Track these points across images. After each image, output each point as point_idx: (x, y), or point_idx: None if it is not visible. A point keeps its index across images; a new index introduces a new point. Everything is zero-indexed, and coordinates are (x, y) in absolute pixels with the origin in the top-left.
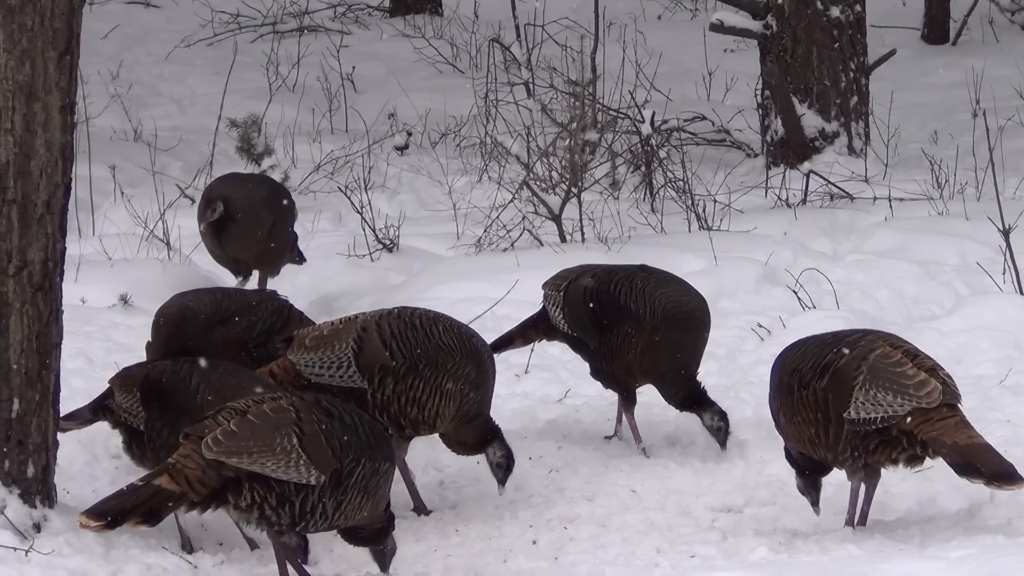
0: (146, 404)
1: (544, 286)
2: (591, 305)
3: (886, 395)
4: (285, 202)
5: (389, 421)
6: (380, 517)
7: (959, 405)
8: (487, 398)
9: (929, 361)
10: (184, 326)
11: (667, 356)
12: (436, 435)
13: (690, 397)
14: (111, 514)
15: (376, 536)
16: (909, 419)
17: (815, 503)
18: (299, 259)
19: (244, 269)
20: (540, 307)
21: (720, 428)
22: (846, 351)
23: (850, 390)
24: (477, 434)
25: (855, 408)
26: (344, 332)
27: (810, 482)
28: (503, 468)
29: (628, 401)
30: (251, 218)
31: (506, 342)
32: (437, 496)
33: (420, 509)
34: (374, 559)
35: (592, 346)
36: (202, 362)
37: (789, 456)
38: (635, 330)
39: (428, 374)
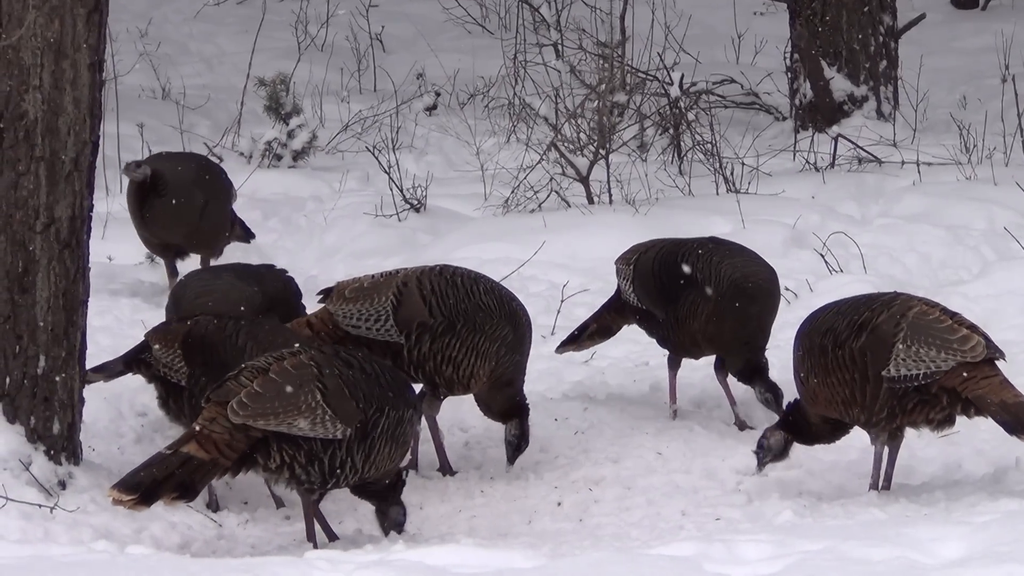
0: (188, 360)
1: (616, 261)
2: (659, 275)
3: (929, 350)
4: (219, 182)
5: (423, 379)
6: (392, 471)
7: (1000, 362)
8: (522, 363)
9: (967, 320)
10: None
11: (731, 326)
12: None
13: (749, 369)
14: (143, 487)
15: (384, 493)
16: (952, 375)
17: (762, 464)
18: (246, 236)
19: (171, 254)
20: (613, 293)
21: (768, 400)
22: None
23: (890, 347)
24: (505, 403)
25: (895, 365)
26: (384, 286)
27: (782, 446)
28: (513, 447)
29: (674, 362)
30: (180, 198)
31: (581, 331)
32: (463, 457)
33: (445, 469)
34: (376, 518)
35: (660, 317)
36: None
37: (786, 417)
38: (700, 299)
39: (465, 334)
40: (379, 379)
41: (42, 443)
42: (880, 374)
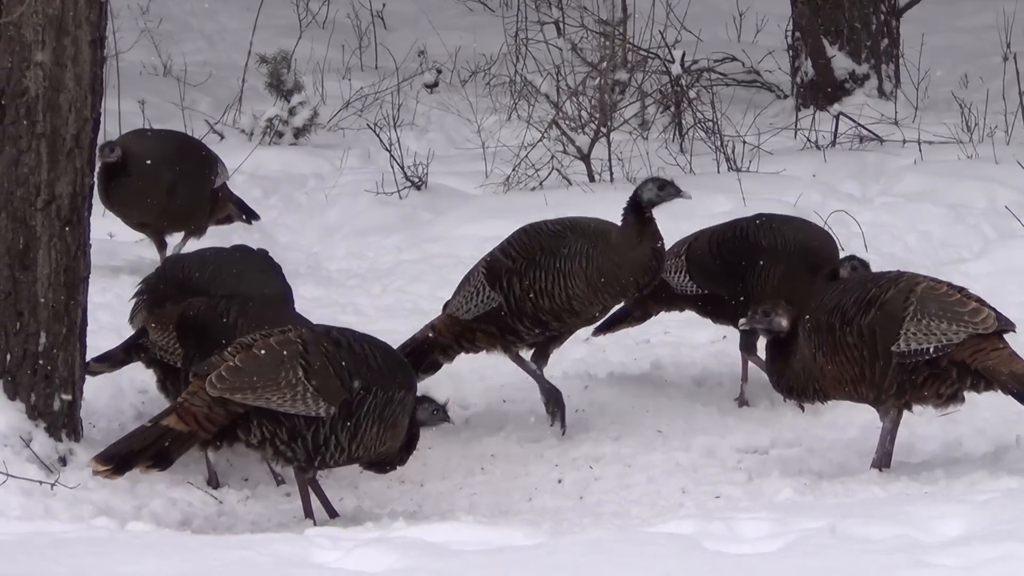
0: (183, 341)
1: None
2: (720, 255)
3: (940, 323)
4: (197, 162)
5: (534, 325)
6: (393, 451)
7: (1009, 335)
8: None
9: (974, 294)
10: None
11: (804, 284)
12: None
13: None
14: (118, 458)
15: (393, 461)
16: (963, 348)
17: (750, 324)
18: (247, 217)
19: (152, 231)
20: None
21: None
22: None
23: (900, 322)
24: None
25: (905, 340)
26: (473, 270)
27: (770, 329)
28: None
29: (748, 344)
30: (146, 178)
31: (621, 319)
32: (463, 435)
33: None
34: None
35: (728, 295)
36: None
37: (786, 338)
38: (770, 262)
39: (545, 261)
40: (369, 359)
41: (43, 420)
42: (890, 350)
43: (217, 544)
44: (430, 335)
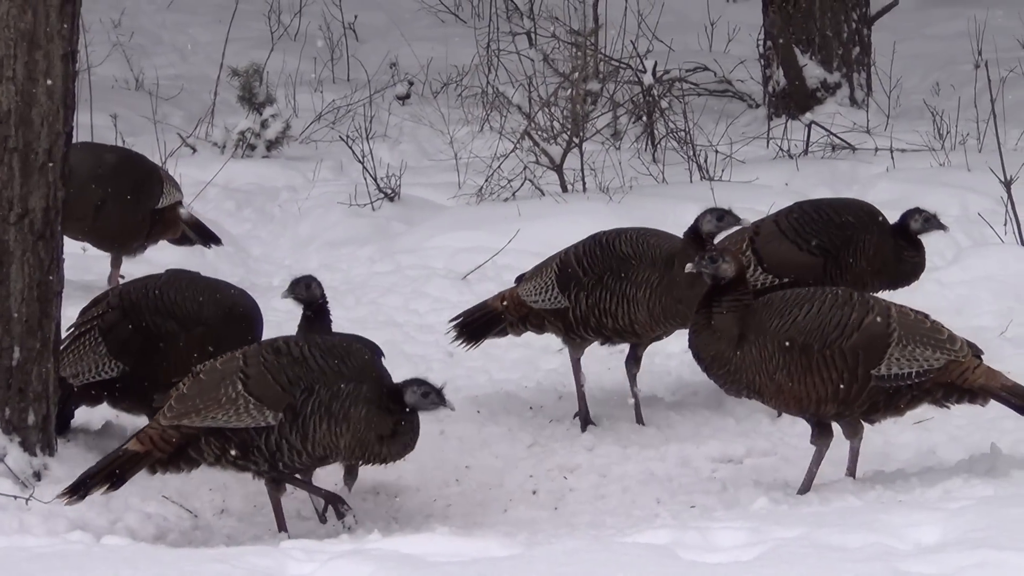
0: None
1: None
2: (797, 241)
3: (924, 350)
4: (135, 181)
5: (597, 336)
6: (378, 446)
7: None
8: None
9: (936, 320)
10: None
11: (893, 254)
12: None
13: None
14: (78, 486)
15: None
16: (943, 372)
17: (700, 265)
18: (204, 241)
19: (102, 247)
20: None
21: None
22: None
23: (884, 347)
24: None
25: (887, 364)
26: (550, 260)
27: (728, 272)
28: None
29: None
30: (73, 194)
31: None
32: (438, 446)
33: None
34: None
35: (811, 280)
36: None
37: (729, 282)
38: (864, 238)
39: (612, 284)
40: (308, 361)
41: (17, 434)
42: (870, 373)
43: (192, 557)
44: (500, 306)
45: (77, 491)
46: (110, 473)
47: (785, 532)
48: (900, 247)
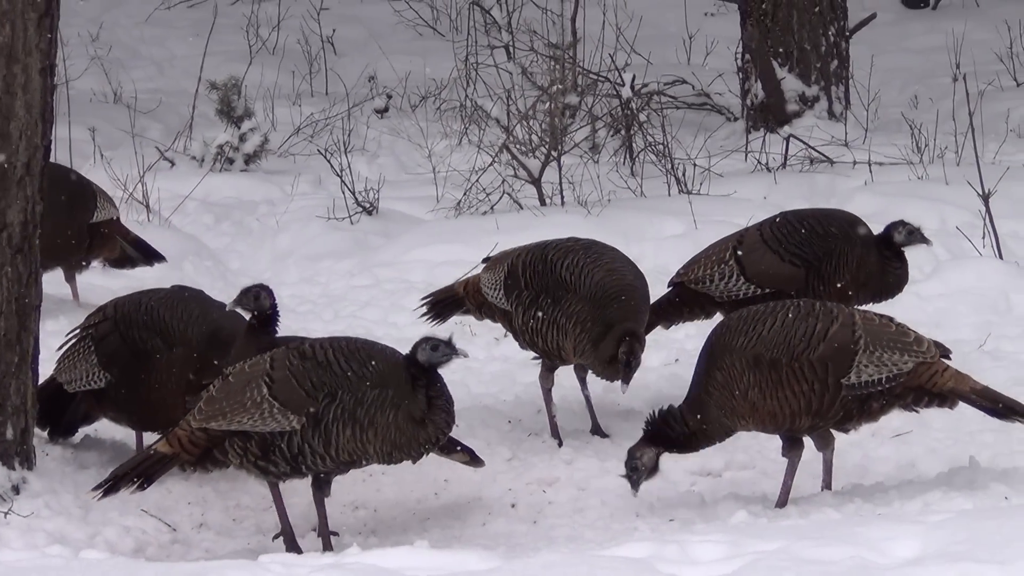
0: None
1: (698, 270)
2: (779, 252)
3: (892, 354)
4: (64, 198)
5: (531, 348)
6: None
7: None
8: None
9: (902, 323)
10: None
11: (877, 266)
12: None
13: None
14: (107, 482)
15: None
16: (913, 376)
17: (637, 486)
18: (146, 259)
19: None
20: (669, 290)
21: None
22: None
23: (852, 355)
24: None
25: (856, 372)
26: (510, 253)
27: (654, 462)
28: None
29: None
30: None
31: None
32: (417, 462)
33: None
34: None
35: (794, 291)
36: None
37: (655, 432)
38: (847, 250)
39: (546, 307)
40: (332, 366)
41: None
42: (840, 382)
43: (171, 571)
44: (462, 292)
45: (108, 489)
46: (140, 473)
47: (764, 545)
48: (885, 259)
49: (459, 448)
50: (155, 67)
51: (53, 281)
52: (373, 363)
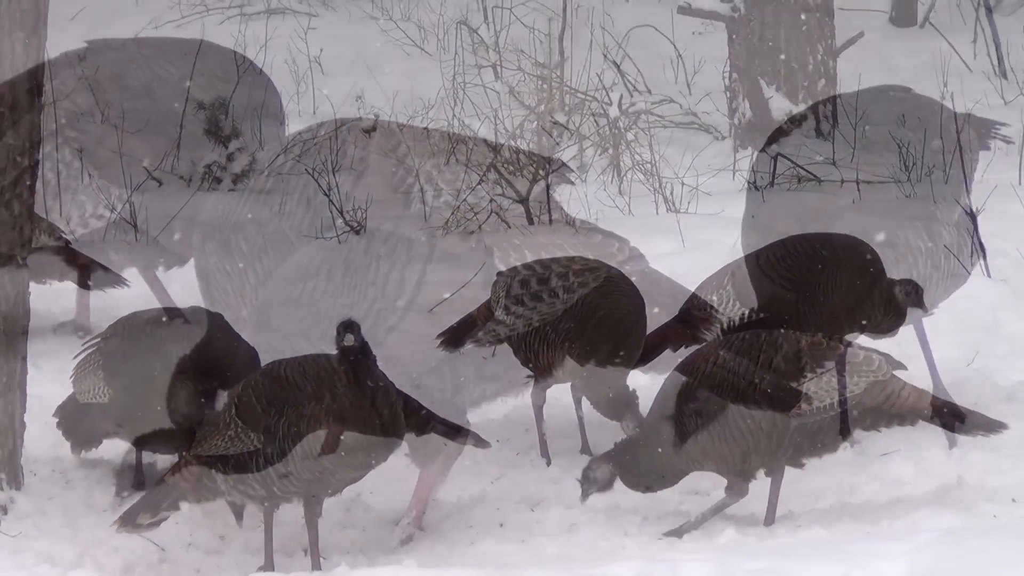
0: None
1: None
2: (771, 276)
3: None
4: None
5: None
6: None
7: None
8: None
9: (848, 340)
10: None
11: (880, 302)
12: None
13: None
14: (127, 515)
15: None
16: (867, 395)
17: (586, 495)
18: (110, 283)
19: None
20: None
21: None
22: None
23: (799, 384)
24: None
25: (806, 400)
26: (511, 272)
27: (608, 480)
28: None
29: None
30: None
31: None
32: (404, 479)
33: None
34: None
35: (786, 315)
36: None
37: (619, 455)
38: (837, 272)
39: (532, 336)
40: (284, 380)
41: None
42: (788, 414)
43: None
44: (476, 313)
45: (123, 521)
46: (150, 504)
47: (752, 564)
48: (888, 298)
49: (460, 432)
50: (143, 87)
51: (40, 299)
52: (310, 374)
